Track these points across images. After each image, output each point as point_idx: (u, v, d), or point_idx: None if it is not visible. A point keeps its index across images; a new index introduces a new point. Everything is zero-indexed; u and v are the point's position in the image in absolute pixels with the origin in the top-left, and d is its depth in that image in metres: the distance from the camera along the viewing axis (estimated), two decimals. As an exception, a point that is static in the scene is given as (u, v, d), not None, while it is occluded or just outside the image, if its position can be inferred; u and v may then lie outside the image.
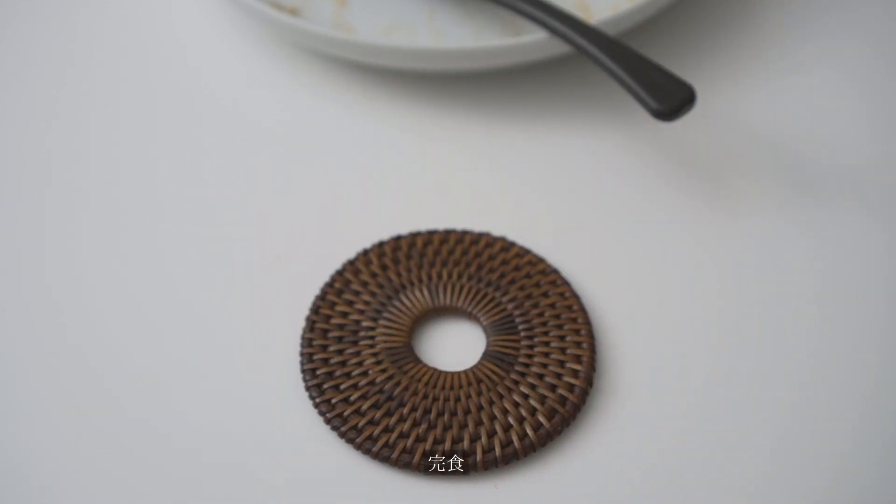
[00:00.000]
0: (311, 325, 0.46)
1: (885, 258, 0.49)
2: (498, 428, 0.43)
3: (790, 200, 0.50)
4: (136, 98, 0.55)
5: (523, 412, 0.43)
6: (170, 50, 0.57)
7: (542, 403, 0.44)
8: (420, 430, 0.43)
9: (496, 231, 0.49)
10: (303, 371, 0.45)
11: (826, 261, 0.48)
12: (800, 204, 0.50)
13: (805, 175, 0.51)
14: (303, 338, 0.46)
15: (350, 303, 0.47)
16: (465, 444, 0.43)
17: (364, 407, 0.44)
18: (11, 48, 0.57)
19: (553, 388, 0.44)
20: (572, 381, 0.44)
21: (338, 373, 0.45)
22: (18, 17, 0.58)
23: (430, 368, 0.45)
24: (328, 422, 0.44)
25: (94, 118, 0.54)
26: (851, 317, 0.47)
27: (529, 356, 0.45)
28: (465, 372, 0.45)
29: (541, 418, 0.43)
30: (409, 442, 0.43)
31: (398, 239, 0.48)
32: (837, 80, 0.55)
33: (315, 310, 0.47)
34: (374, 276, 0.47)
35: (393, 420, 0.43)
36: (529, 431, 0.43)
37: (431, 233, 0.49)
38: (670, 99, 0.47)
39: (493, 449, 0.43)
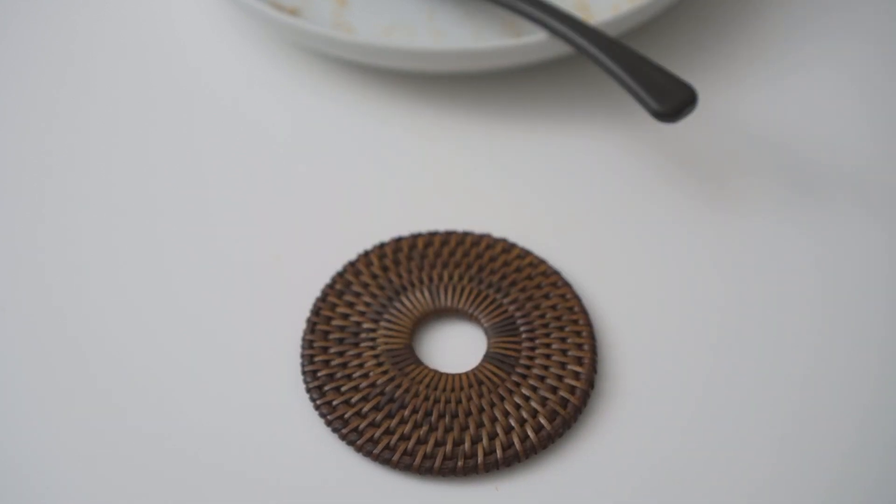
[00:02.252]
0: (311, 326, 0.46)
1: (885, 258, 0.49)
2: (499, 430, 0.43)
3: (790, 200, 0.50)
4: (136, 98, 0.55)
5: (524, 414, 0.43)
6: (170, 50, 0.57)
7: (544, 405, 0.44)
8: (421, 433, 0.43)
9: (497, 232, 0.49)
10: (304, 373, 0.45)
11: (826, 261, 0.48)
12: (800, 204, 0.50)
13: (805, 175, 0.51)
14: (303, 339, 0.46)
15: (351, 304, 0.47)
16: (467, 446, 0.43)
17: (365, 409, 0.44)
18: (11, 48, 0.57)
19: (554, 389, 0.44)
20: (574, 382, 0.44)
21: (339, 375, 0.45)
22: (18, 17, 0.58)
23: (431, 370, 0.45)
24: (329, 423, 0.44)
25: (93, 118, 0.54)
26: (851, 317, 0.47)
27: (531, 358, 0.45)
28: (467, 374, 0.45)
29: (542, 420, 0.43)
30: (411, 444, 0.43)
31: (399, 240, 0.48)
32: (837, 80, 0.55)
33: (316, 311, 0.46)
34: (374, 277, 0.47)
35: (394, 422, 0.43)
36: (531, 433, 0.43)
37: (432, 234, 0.49)
38: (671, 100, 0.47)
39: (495, 451, 0.43)
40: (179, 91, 0.55)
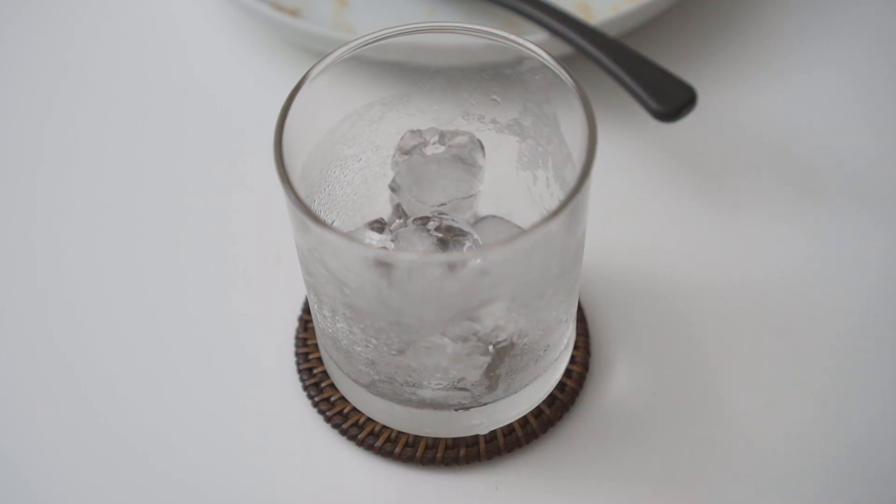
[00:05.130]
0: (304, 324, 0.46)
1: (884, 258, 0.48)
2: (500, 417, 0.43)
3: (790, 200, 0.50)
4: (136, 98, 0.55)
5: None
6: (170, 50, 0.57)
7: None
8: (421, 423, 0.43)
9: (497, 227, 0.49)
10: (299, 371, 0.45)
11: (826, 260, 0.48)
12: (800, 204, 0.50)
13: (803, 174, 0.51)
14: (296, 338, 0.46)
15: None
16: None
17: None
18: (11, 48, 0.57)
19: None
20: (570, 367, 0.44)
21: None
22: (18, 16, 0.58)
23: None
24: (329, 420, 0.43)
25: (92, 118, 0.54)
26: (850, 315, 0.47)
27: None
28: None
29: (541, 405, 0.43)
30: (411, 436, 0.42)
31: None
32: (837, 80, 0.55)
33: (307, 309, 0.46)
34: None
35: (394, 414, 0.43)
36: (531, 418, 0.42)
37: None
38: (671, 100, 0.47)
39: (496, 438, 0.42)
40: (179, 91, 0.55)
